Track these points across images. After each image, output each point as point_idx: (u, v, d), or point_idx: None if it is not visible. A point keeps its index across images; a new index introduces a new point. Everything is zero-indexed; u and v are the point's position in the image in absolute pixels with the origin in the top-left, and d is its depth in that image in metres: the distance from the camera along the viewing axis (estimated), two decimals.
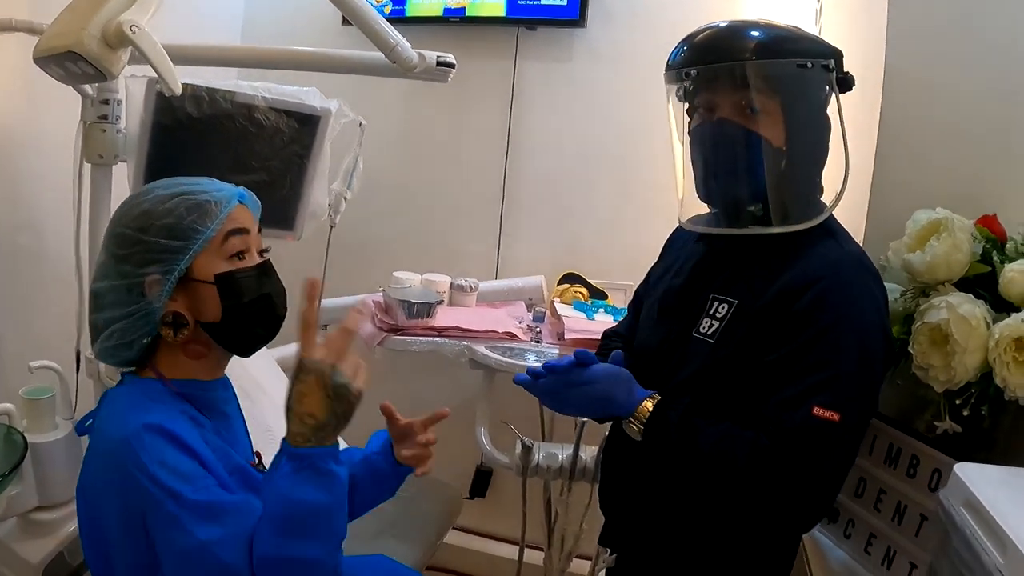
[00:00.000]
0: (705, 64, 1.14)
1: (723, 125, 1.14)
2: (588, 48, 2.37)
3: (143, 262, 1.04)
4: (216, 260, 1.07)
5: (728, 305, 1.17)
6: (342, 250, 2.13)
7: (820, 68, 1.13)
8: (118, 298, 1.06)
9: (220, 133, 1.66)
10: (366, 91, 2.30)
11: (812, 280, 1.07)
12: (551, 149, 2.47)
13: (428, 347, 2.00)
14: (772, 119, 1.12)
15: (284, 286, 1.16)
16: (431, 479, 2.32)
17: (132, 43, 1.18)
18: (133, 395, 1.06)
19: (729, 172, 1.16)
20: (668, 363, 1.23)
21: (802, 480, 1.03)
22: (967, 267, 1.27)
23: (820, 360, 1.04)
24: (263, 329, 1.14)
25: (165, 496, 0.93)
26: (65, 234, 1.65)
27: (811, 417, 1.01)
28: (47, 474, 1.58)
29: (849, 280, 1.08)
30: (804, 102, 1.15)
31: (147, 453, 0.94)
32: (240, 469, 1.09)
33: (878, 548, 1.37)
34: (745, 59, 1.11)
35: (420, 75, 1.67)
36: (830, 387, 1.03)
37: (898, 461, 1.36)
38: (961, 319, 1.20)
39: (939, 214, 1.30)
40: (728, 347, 1.14)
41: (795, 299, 1.07)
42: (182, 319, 1.06)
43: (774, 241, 1.16)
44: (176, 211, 1.04)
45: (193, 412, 1.08)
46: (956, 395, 1.26)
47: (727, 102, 1.14)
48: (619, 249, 2.41)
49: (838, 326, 1.04)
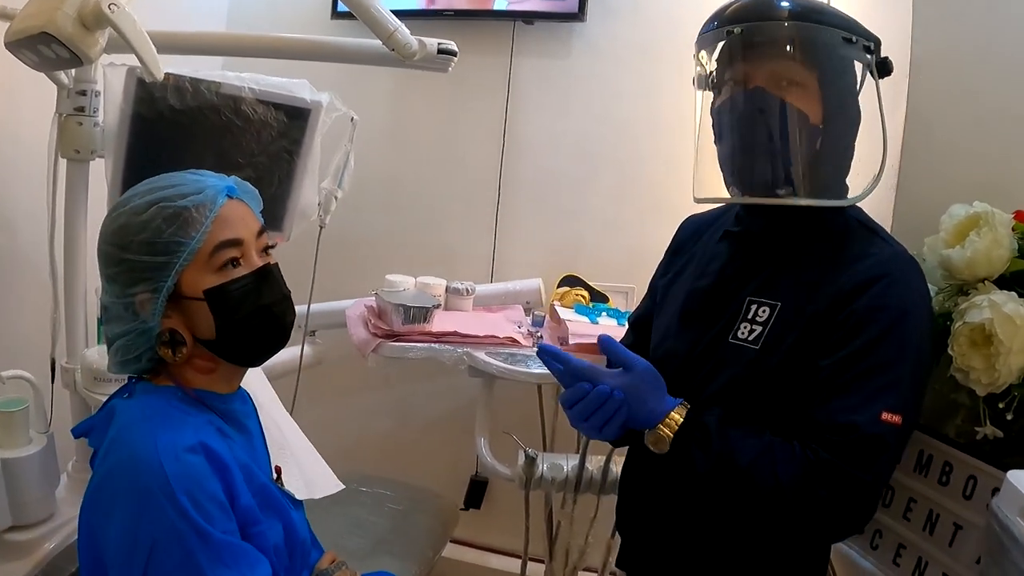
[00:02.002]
0: (747, 23, 1.07)
1: (759, 95, 1.07)
2: (587, 43, 2.31)
3: (129, 281, 0.97)
4: (205, 272, 0.98)
5: (770, 308, 1.10)
6: (331, 251, 2.05)
7: (862, 47, 1.08)
8: (118, 314, 1.00)
9: (204, 127, 1.58)
10: (357, 86, 2.23)
11: (869, 280, 1.02)
12: (548, 148, 2.41)
13: (425, 354, 1.92)
14: (809, 93, 1.07)
15: (287, 289, 1.08)
16: (425, 490, 2.27)
17: (111, 23, 1.11)
18: (157, 406, 0.99)
19: (761, 144, 1.09)
20: (699, 372, 1.15)
21: (859, 489, 0.96)
22: (1008, 263, 1.21)
23: (883, 362, 0.98)
24: (266, 342, 1.06)
25: (190, 531, 0.87)
26: (39, 235, 1.56)
27: (880, 423, 0.96)
28: (21, 492, 1.49)
29: (905, 279, 1.03)
30: (842, 78, 1.10)
31: (179, 480, 0.88)
32: (262, 488, 1.03)
33: (908, 559, 1.31)
34: (789, 20, 1.06)
35: (419, 64, 1.59)
36: (895, 389, 0.98)
37: (929, 468, 1.30)
38: (1006, 318, 1.13)
39: (978, 208, 1.24)
40: (777, 354, 1.07)
41: (851, 301, 1.02)
42: (179, 336, 0.99)
43: (815, 240, 1.11)
44: (153, 223, 0.95)
45: (219, 423, 1.02)
46: (998, 399, 1.19)
47: (763, 69, 1.07)
48: (619, 251, 2.35)
49: (899, 327, 0.99)
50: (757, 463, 0.99)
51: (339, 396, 2.62)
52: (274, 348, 1.07)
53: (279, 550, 1.03)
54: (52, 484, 1.56)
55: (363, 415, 2.65)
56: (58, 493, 1.59)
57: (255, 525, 0.98)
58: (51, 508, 1.55)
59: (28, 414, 1.53)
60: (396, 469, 2.44)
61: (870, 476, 0.96)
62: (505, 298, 2.32)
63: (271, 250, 1.07)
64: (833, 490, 0.95)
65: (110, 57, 1.39)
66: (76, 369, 1.60)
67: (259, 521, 0.99)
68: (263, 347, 1.06)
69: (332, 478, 1.45)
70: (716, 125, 1.15)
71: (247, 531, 0.97)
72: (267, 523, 1.01)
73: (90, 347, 1.64)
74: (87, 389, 1.54)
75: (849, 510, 0.98)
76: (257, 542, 0.97)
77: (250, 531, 0.97)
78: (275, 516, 1.04)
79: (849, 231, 1.10)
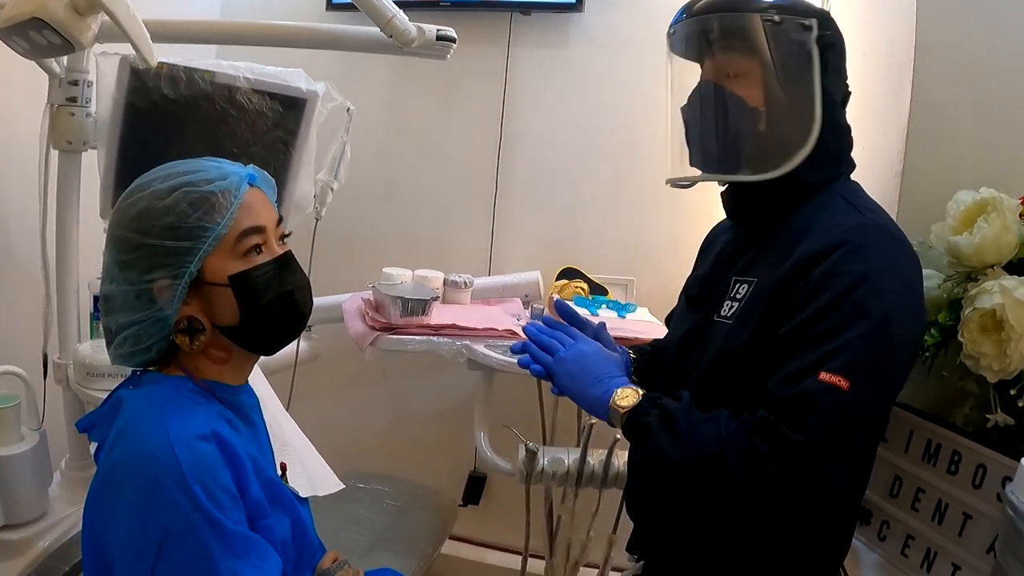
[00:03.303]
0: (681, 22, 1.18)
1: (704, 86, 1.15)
2: (585, 34, 2.28)
3: (149, 267, 0.94)
4: (229, 259, 0.96)
5: (748, 285, 1.11)
6: (327, 245, 2.03)
7: (798, 26, 1.10)
8: (128, 303, 0.96)
9: (199, 116, 1.55)
10: (352, 76, 2.20)
11: (827, 249, 0.99)
12: (546, 139, 2.38)
13: (424, 347, 1.89)
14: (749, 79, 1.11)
15: (307, 277, 1.06)
16: (423, 487, 2.25)
17: (103, 7, 1.09)
18: (166, 395, 0.96)
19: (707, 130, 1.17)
20: (691, 352, 1.18)
21: (792, 450, 0.91)
22: (1016, 248, 1.19)
23: (832, 327, 0.94)
24: (286, 329, 1.05)
25: (203, 521, 0.85)
26: (31, 228, 1.54)
27: (816, 381, 0.91)
28: (13, 490, 1.47)
29: (866, 245, 0.99)
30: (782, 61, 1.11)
31: (192, 469, 0.86)
32: (270, 482, 1.01)
33: (916, 550, 1.30)
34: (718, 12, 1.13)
35: (418, 51, 1.56)
36: (840, 354, 0.92)
37: (937, 457, 1.29)
38: (1017, 303, 1.12)
39: (985, 194, 1.23)
40: (746, 328, 1.06)
41: (809, 269, 0.99)
42: (198, 324, 0.97)
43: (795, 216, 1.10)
44: (178, 207, 0.93)
45: (229, 414, 0.99)
46: (1009, 385, 1.18)
47: (707, 63, 1.15)
48: (617, 242, 2.33)
49: (853, 292, 0.95)
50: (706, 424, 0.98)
51: (336, 392, 2.59)
52: (292, 335, 1.07)
53: (286, 545, 1.01)
54: (45, 482, 1.54)
55: (360, 411, 2.62)
56: (51, 491, 1.57)
57: (263, 518, 0.96)
58: (44, 506, 1.53)
59: (20, 411, 1.51)
60: (394, 465, 2.42)
61: (800, 435, 0.90)
62: (503, 291, 2.28)
63: (287, 239, 1.06)
64: (771, 447, 0.91)
65: (102, 46, 1.36)
66: (69, 365, 1.57)
67: (267, 515, 0.97)
68: (283, 334, 1.05)
69: (333, 477, 1.42)
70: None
71: (255, 524, 0.95)
72: (275, 517, 0.99)
73: (83, 342, 1.61)
74: (80, 385, 1.51)
75: (782, 471, 0.91)
76: (264, 536, 0.95)
77: (258, 524, 0.95)
78: (282, 511, 1.02)
79: (825, 206, 1.08)
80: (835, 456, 0.92)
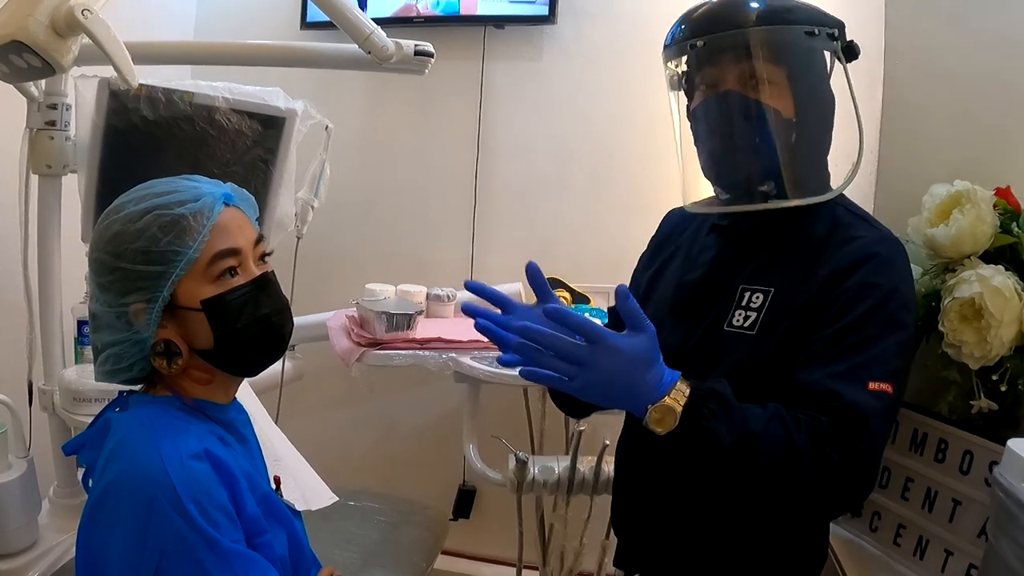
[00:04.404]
0: (710, 34, 1.09)
1: (730, 97, 1.08)
2: (558, 45, 2.31)
3: (123, 291, 0.93)
4: (203, 282, 0.95)
5: (764, 294, 1.10)
6: (309, 263, 2.03)
7: (825, 36, 1.10)
8: (110, 323, 0.96)
9: (178, 137, 1.55)
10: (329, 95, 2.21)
11: (859, 260, 1.03)
12: (523, 150, 2.40)
13: (410, 360, 1.89)
14: (779, 89, 1.08)
15: (286, 298, 1.05)
16: (414, 502, 2.24)
17: (84, 29, 1.09)
18: (155, 415, 0.95)
19: (739, 146, 1.11)
20: (695, 363, 1.13)
21: (859, 457, 0.95)
22: (992, 238, 1.23)
23: (871, 336, 0.99)
24: (264, 352, 1.03)
25: (199, 540, 0.84)
26: (12, 254, 1.52)
27: (868, 392, 0.96)
28: (2, 519, 1.44)
29: (893, 260, 1.05)
30: (811, 71, 1.11)
31: (186, 488, 0.85)
32: (266, 497, 1.00)
33: (908, 539, 1.32)
34: (751, 26, 1.07)
35: (396, 66, 1.58)
36: (881, 361, 0.98)
37: (924, 446, 1.31)
38: (995, 291, 1.15)
39: (959, 186, 1.26)
40: (774, 339, 1.07)
41: (842, 280, 1.03)
42: (174, 347, 0.95)
43: (806, 226, 1.11)
44: (149, 231, 0.92)
45: (221, 432, 0.98)
46: (991, 371, 1.21)
47: (732, 74, 1.08)
48: (597, 251, 2.35)
49: (887, 304, 1.00)
50: (770, 428, 0.95)
51: (322, 411, 2.58)
52: (272, 358, 1.04)
53: (284, 561, 1.00)
54: (34, 511, 1.51)
55: (347, 429, 2.61)
56: (40, 519, 1.54)
57: (261, 535, 0.95)
58: (34, 535, 1.51)
59: (6, 439, 1.48)
60: (382, 482, 2.41)
61: (864, 444, 0.95)
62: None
63: (268, 257, 1.04)
64: (841, 452, 0.94)
65: (81, 69, 1.36)
66: (54, 391, 1.56)
67: (264, 531, 0.96)
68: (261, 357, 1.03)
69: (326, 490, 1.42)
70: (693, 130, 1.16)
71: (252, 541, 0.94)
72: (272, 533, 0.98)
73: (67, 367, 1.60)
74: (66, 410, 1.50)
75: (853, 477, 0.96)
76: (263, 552, 0.94)
77: (256, 541, 0.94)
78: (279, 526, 1.01)
79: (836, 218, 1.11)
80: (881, 455, 1.00)
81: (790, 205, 1.08)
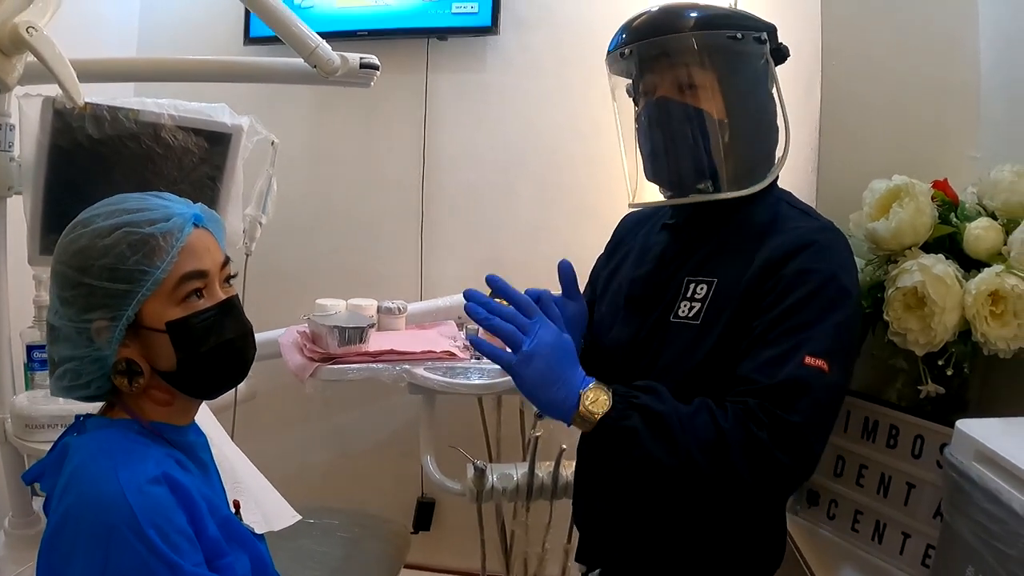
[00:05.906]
0: (638, 42, 1.15)
1: (663, 103, 1.14)
2: (501, 56, 2.33)
3: (87, 307, 0.91)
4: (168, 304, 0.93)
5: (707, 285, 1.13)
6: (259, 280, 2.00)
7: (752, 40, 1.14)
8: (69, 337, 0.93)
9: (124, 156, 1.52)
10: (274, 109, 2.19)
11: (797, 248, 1.06)
12: (469, 161, 2.41)
13: (364, 374, 1.88)
14: (708, 92, 1.13)
15: (249, 323, 1.03)
16: (373, 516, 2.21)
17: (29, 47, 1.07)
18: (113, 439, 0.92)
19: (674, 149, 1.16)
20: (646, 354, 1.17)
21: (790, 432, 0.96)
22: (932, 230, 1.27)
23: (808, 320, 1.01)
24: (226, 376, 1.01)
25: (161, 566, 0.82)
26: None
27: (801, 366, 0.98)
28: None
29: (830, 245, 1.08)
30: (740, 74, 1.15)
31: (145, 514, 0.83)
32: (226, 521, 0.97)
33: (866, 524, 1.35)
34: (677, 33, 1.13)
35: (341, 79, 1.57)
36: (818, 340, 1.00)
37: (876, 433, 1.35)
38: (937, 279, 1.19)
39: (897, 181, 1.30)
40: (717, 327, 1.09)
41: (780, 267, 1.05)
42: (136, 367, 0.93)
43: (747, 219, 1.14)
44: (117, 248, 0.90)
45: (178, 455, 0.96)
46: (936, 357, 1.25)
47: (665, 80, 1.14)
48: (547, 258, 2.29)
49: (825, 289, 1.03)
50: (696, 418, 0.99)
51: (276, 429, 2.54)
52: (234, 382, 1.03)
53: None
54: None
55: (302, 446, 2.58)
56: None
57: (221, 558, 0.94)
58: None
59: None
60: (341, 498, 2.38)
61: (797, 417, 0.96)
62: (436, 314, 2.29)
63: (232, 280, 1.03)
64: (771, 431, 0.96)
65: (24, 88, 1.32)
66: (6, 419, 1.51)
67: (225, 554, 0.94)
68: (223, 381, 1.01)
69: (288, 509, 1.40)
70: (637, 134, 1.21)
71: (213, 563, 0.92)
72: (233, 555, 0.96)
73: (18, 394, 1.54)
74: (19, 438, 1.46)
75: (785, 454, 0.96)
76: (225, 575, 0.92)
77: (217, 563, 0.93)
78: (241, 549, 0.99)
79: (777, 212, 1.15)
80: (821, 435, 1.00)
81: (721, 198, 1.13)
